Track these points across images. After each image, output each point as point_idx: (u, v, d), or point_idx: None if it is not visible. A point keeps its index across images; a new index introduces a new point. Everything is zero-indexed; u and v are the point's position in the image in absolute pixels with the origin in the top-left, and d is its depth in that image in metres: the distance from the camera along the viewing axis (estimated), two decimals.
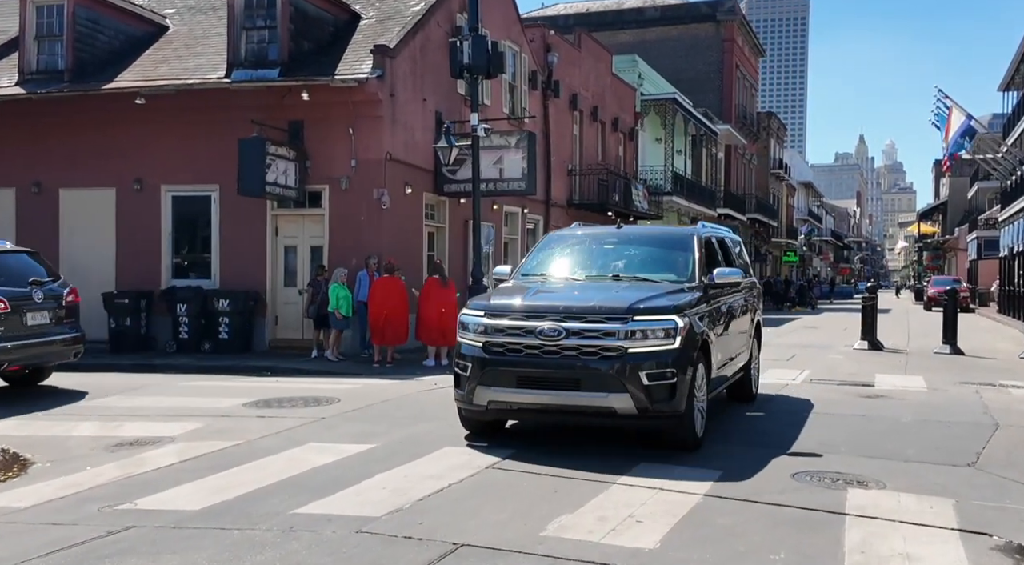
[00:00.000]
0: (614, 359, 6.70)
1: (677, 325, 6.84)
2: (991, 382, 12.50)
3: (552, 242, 8.91)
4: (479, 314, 7.14)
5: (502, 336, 6.94)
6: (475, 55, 14.79)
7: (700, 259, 8.09)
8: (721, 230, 9.98)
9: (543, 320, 6.84)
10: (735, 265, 9.34)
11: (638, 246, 8.67)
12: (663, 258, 8.32)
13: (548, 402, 6.88)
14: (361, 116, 15.81)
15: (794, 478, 6.46)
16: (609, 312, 6.83)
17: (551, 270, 8.30)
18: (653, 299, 7.08)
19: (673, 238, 8.91)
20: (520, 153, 17.60)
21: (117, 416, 8.91)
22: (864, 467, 6.84)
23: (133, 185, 16.71)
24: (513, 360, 6.89)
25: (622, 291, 7.35)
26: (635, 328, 6.74)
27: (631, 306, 6.87)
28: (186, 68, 16.80)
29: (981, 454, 7.44)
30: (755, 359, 10.15)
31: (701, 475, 6.45)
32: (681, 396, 6.82)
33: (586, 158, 26.95)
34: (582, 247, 8.68)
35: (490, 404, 7.04)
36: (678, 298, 7.23)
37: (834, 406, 9.99)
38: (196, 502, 5.55)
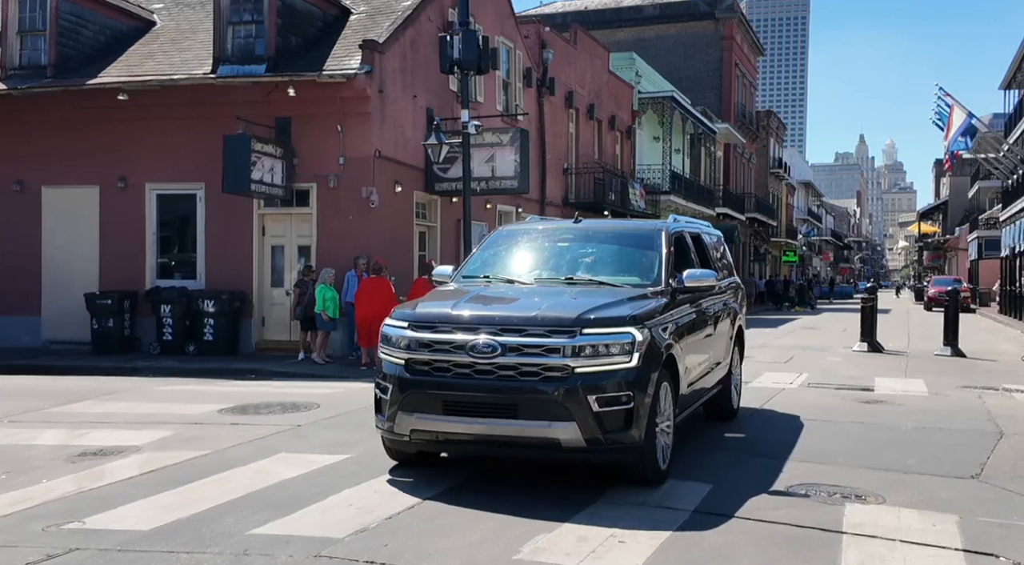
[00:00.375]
0: (559, 380, 5.60)
1: (635, 339, 5.76)
2: (994, 386, 12.16)
3: (500, 239, 7.76)
4: (402, 326, 6.03)
5: (427, 352, 5.84)
6: (465, 50, 14.43)
7: (668, 259, 7.04)
8: (697, 224, 8.86)
9: (476, 333, 5.74)
10: (714, 265, 8.41)
11: (597, 244, 7.48)
12: (625, 258, 7.27)
13: (480, 432, 5.75)
14: (349, 113, 15.46)
15: (789, 492, 6.12)
16: (554, 324, 5.74)
17: (496, 271, 7.20)
18: (607, 308, 6.00)
19: (637, 235, 7.64)
20: (513, 151, 17.25)
21: (86, 423, 8.56)
22: (863, 479, 6.50)
23: (117, 183, 16.35)
24: (439, 381, 5.77)
25: (572, 298, 6.25)
26: (584, 343, 5.65)
27: (580, 317, 5.79)
28: (172, 64, 16.44)
29: (985, 465, 7.10)
30: (736, 370, 9.08)
31: (690, 490, 6.11)
32: (639, 423, 5.73)
33: (582, 156, 26.60)
34: (533, 245, 7.60)
35: (413, 434, 5.89)
36: (639, 306, 6.16)
37: (832, 412, 9.64)
38: (148, 521, 5.20)
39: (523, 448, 5.80)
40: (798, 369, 14.09)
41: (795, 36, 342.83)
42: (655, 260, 7.06)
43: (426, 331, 5.91)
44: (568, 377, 5.60)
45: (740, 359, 9.35)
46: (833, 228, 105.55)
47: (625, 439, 5.70)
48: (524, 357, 5.64)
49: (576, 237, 7.59)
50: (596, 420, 5.59)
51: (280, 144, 15.37)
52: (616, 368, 5.70)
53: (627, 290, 6.59)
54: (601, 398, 5.60)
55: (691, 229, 8.26)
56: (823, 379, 12.77)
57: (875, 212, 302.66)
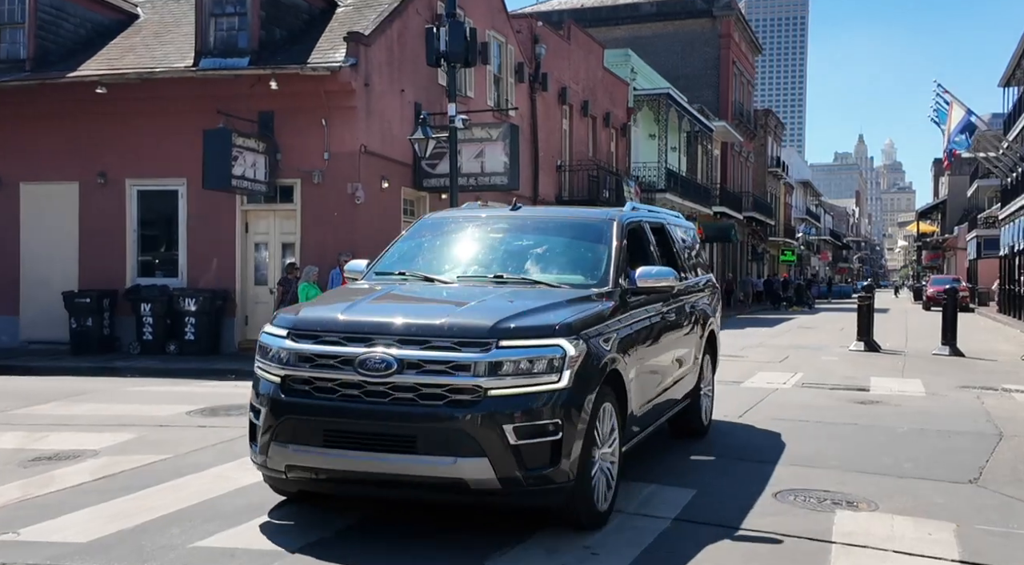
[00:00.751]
0: (468, 405, 4.49)
1: (565, 353, 4.65)
2: (993, 386, 11.83)
3: (424, 228, 6.61)
4: (280, 335, 4.88)
5: (308, 368, 4.70)
6: (452, 42, 14.09)
7: (619, 254, 5.88)
8: (662, 214, 7.72)
9: (370, 345, 4.62)
10: (680, 261, 7.28)
11: (536, 235, 6.31)
12: (568, 253, 6.11)
13: (368, 470, 4.59)
14: (334, 107, 15.12)
15: (776, 498, 5.78)
16: (464, 334, 4.63)
17: (415, 266, 6.06)
18: (533, 314, 4.90)
19: (583, 225, 6.38)
20: (503, 147, 16.91)
21: (47, 426, 8.21)
22: (855, 484, 6.17)
23: (97, 179, 16.00)
24: (321, 405, 4.64)
25: (494, 302, 5.12)
26: (501, 358, 4.54)
27: (496, 325, 4.65)
28: (153, 57, 16.10)
29: (984, 469, 6.76)
30: (707, 382, 7.97)
31: (672, 496, 5.77)
32: (570, 458, 4.62)
33: (576, 154, 26.26)
34: (462, 236, 6.44)
35: (289, 470, 4.76)
36: (575, 311, 5.03)
37: (825, 413, 9.30)
38: (89, 532, 4.86)
39: (422, 489, 4.65)
40: (793, 369, 13.76)
41: (794, 36, 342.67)
42: (602, 255, 5.89)
43: (308, 342, 4.76)
44: (480, 401, 4.50)
45: (713, 368, 8.25)
46: (832, 228, 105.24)
47: (552, 477, 4.57)
48: (426, 376, 4.54)
49: (512, 227, 6.41)
50: (514, 454, 4.47)
51: (263, 139, 15.03)
52: (540, 389, 4.59)
53: (565, 291, 5.46)
54: (520, 427, 4.50)
55: (652, 219, 7.12)
56: (818, 379, 12.44)
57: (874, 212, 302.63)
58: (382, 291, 5.58)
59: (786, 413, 9.25)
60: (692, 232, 8.42)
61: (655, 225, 7.08)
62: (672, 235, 7.37)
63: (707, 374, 7.98)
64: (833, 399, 10.45)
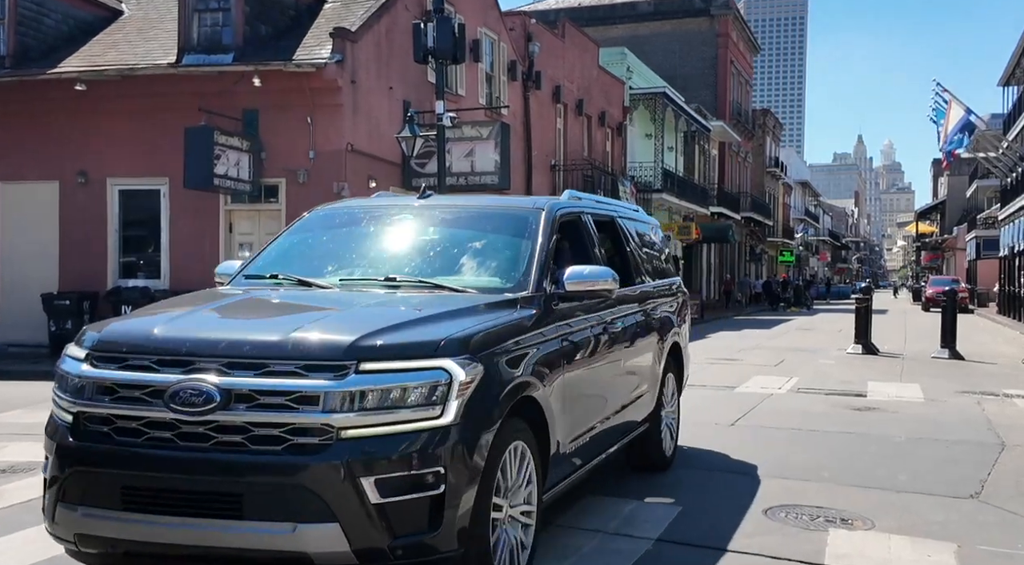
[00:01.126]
0: (313, 451, 3.37)
1: (452, 378, 3.50)
2: (993, 392, 11.49)
3: (312, 222, 5.38)
4: (79, 357, 3.71)
5: (108, 402, 3.55)
6: (440, 38, 13.74)
7: (544, 252, 4.70)
8: (613, 206, 6.48)
9: (189, 370, 3.47)
10: (634, 261, 6.17)
11: (445, 229, 5.13)
12: (482, 249, 4.92)
13: (181, 541, 3.43)
14: (320, 104, 14.79)
15: (767, 515, 5.45)
16: (313, 354, 3.48)
17: (294, 268, 4.85)
18: (412, 327, 3.72)
19: (504, 217, 5.21)
20: (493, 145, 16.59)
21: (7, 435, 7.86)
22: (850, 499, 5.83)
23: (77, 178, 15.67)
24: (120, 453, 3.48)
25: (363, 310, 4.09)
26: (361, 387, 3.40)
27: (358, 342, 3.50)
28: (136, 54, 15.78)
29: (986, 482, 6.42)
30: (671, 404, 6.71)
31: (656, 514, 5.44)
32: (458, 518, 3.49)
33: (570, 153, 25.93)
34: (355, 231, 5.23)
35: (80, 541, 3.58)
36: (474, 322, 3.88)
37: (819, 421, 8.97)
38: (23, 557, 4.52)
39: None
40: (788, 373, 13.43)
41: (793, 36, 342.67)
42: (523, 253, 4.71)
43: (110, 366, 3.59)
44: (330, 445, 3.34)
45: (679, 388, 7.05)
46: (831, 228, 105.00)
47: (433, 546, 3.45)
48: (260, 412, 3.38)
49: (417, 219, 5.23)
50: (376, 517, 3.35)
51: (247, 137, 14.71)
52: (416, 427, 3.42)
53: (470, 297, 4.29)
54: (386, 480, 3.35)
55: (599, 211, 5.94)
56: (813, 384, 12.11)
57: (873, 212, 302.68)
58: (232, 299, 4.47)
59: (779, 421, 8.92)
60: (656, 230, 7.34)
61: (602, 218, 5.90)
62: (625, 231, 6.24)
63: (670, 395, 6.71)
64: (828, 405, 10.12)
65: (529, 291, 4.47)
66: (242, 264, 5.16)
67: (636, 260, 6.25)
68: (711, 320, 30.16)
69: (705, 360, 15.58)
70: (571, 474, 4.73)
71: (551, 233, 4.89)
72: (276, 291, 4.66)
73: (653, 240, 7.10)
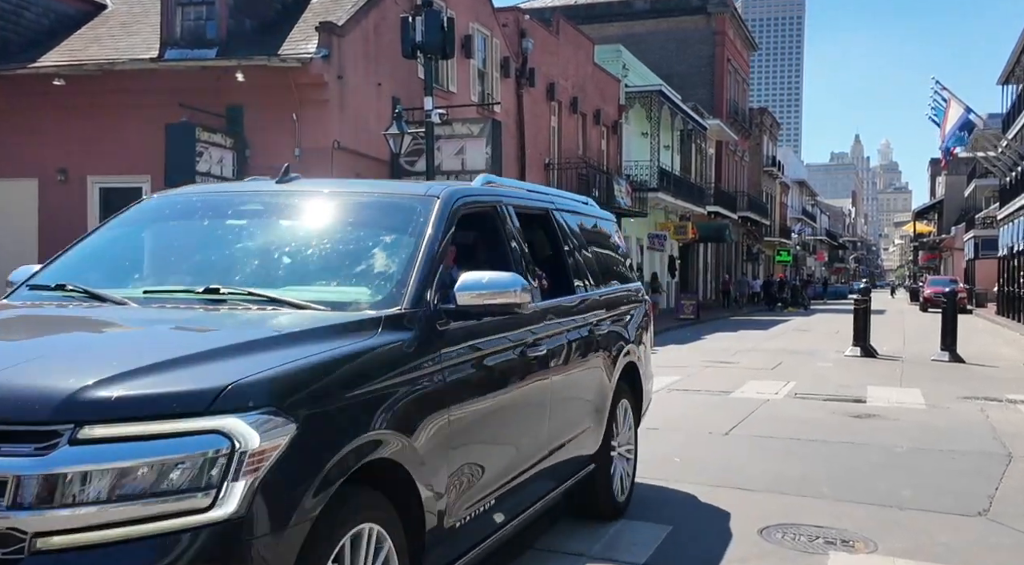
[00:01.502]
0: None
1: (235, 445, 2.27)
2: (996, 397, 11.14)
3: (137, 215, 4.15)
4: None
5: None
6: (428, 32, 13.41)
7: (431, 254, 3.48)
8: (542, 195, 5.13)
9: None
10: (577, 267, 5.00)
11: (304, 222, 3.92)
12: (349, 250, 3.73)
13: None
14: (306, 101, 14.43)
15: (763, 536, 5.09)
16: (6, 412, 2.24)
17: (92, 274, 3.70)
18: (178, 368, 2.47)
19: (384, 208, 3.96)
20: (484, 143, 16.24)
21: None
22: (850, 517, 5.48)
23: (57, 176, 15.30)
24: None
25: (125, 340, 3.02)
26: (75, 468, 2.16)
27: (79, 394, 2.26)
28: (118, 48, 15.41)
29: (994, 498, 6.07)
30: (624, 438, 5.48)
31: (643, 535, 5.07)
32: None
33: (565, 151, 25.57)
34: (186, 224, 4.06)
35: None
36: (296, 355, 2.67)
37: (818, 429, 8.61)
38: None
39: None
40: (785, 377, 13.08)
41: (790, 36, 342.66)
42: (401, 255, 3.50)
43: None
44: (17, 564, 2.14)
45: (637, 417, 5.80)
46: (828, 228, 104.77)
47: None
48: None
49: (268, 210, 3.97)
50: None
51: (230, 134, 14.34)
52: (169, 528, 2.20)
53: (312, 317, 3.10)
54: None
55: (525, 201, 4.69)
56: (811, 388, 11.76)
57: (871, 212, 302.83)
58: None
59: (776, 429, 8.56)
60: (611, 226, 6.17)
61: (529, 211, 4.68)
62: (564, 228, 5.02)
63: (624, 426, 5.48)
64: (827, 412, 9.76)
65: (403, 306, 3.19)
66: (40, 267, 3.92)
67: (579, 263, 5.08)
68: (707, 321, 29.81)
69: (700, 363, 15.24)
70: (471, 549, 3.47)
71: (445, 229, 3.61)
72: (49, 308, 3.44)
73: (606, 239, 5.95)
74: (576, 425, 4.68)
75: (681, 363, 15.27)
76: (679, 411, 9.76)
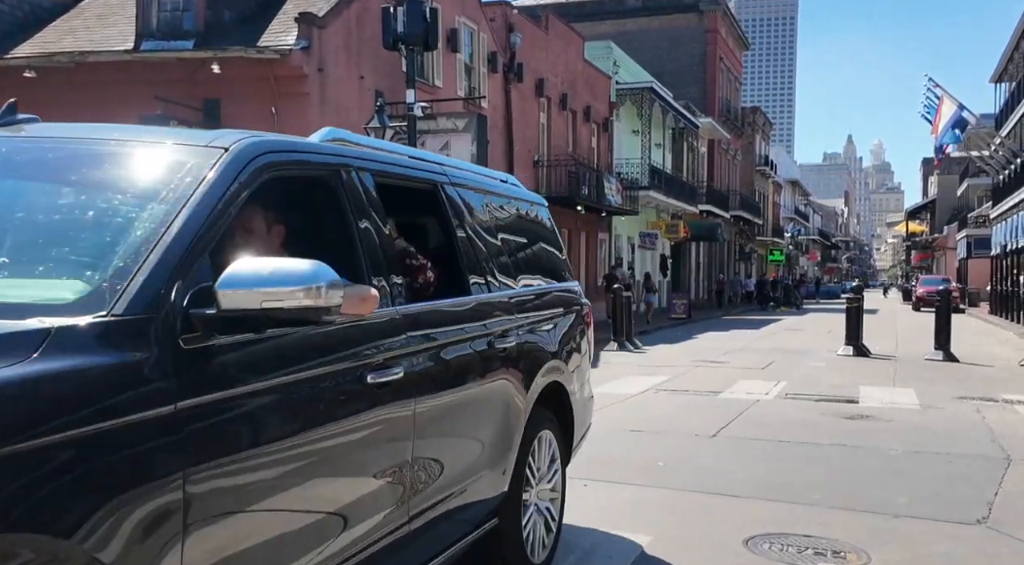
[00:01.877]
0: None
1: None
2: (992, 397, 10.84)
3: None
4: None
5: None
6: (410, 23, 13.03)
7: (190, 232, 2.26)
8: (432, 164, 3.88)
9: None
10: (479, 258, 3.81)
11: (18, 181, 2.74)
12: (70, 221, 2.48)
13: None
14: (285, 93, 14.05)
15: (748, 547, 4.75)
16: None
17: None
18: None
19: (133, 162, 2.65)
20: (469, 138, 15.87)
21: None
22: (842, 526, 5.15)
23: None
24: None
25: None
26: None
27: None
28: (92, 40, 15.01)
29: (993, 504, 5.75)
30: (546, 480, 4.29)
31: (621, 547, 4.74)
32: None
33: (554, 148, 25.23)
34: None
35: None
36: None
37: (808, 431, 8.29)
38: None
39: None
40: (776, 377, 12.76)
41: (783, 36, 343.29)
42: (138, 231, 2.27)
43: None
44: None
45: (565, 452, 4.51)
46: (820, 227, 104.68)
47: None
48: None
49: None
50: None
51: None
52: None
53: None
54: None
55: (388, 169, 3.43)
56: (802, 388, 11.43)
57: (863, 212, 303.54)
58: None
59: (765, 431, 8.23)
60: (539, 212, 4.91)
61: (404, 183, 3.51)
62: (459, 209, 3.77)
63: (545, 465, 4.25)
64: (818, 413, 9.44)
65: (112, 311, 2.01)
66: None
67: (480, 256, 3.81)
68: (699, 320, 29.52)
69: (689, 362, 14.93)
70: None
71: (229, 197, 2.40)
72: None
73: (532, 227, 4.73)
74: (463, 473, 3.42)
75: (670, 362, 14.96)
76: (665, 412, 9.44)
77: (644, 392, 11.00)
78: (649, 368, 13.99)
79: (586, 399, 4.89)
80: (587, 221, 27.31)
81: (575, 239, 26.98)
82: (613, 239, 30.82)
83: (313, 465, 2.47)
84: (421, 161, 3.79)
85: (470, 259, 3.75)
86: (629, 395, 10.67)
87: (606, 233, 30.03)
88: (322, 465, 2.53)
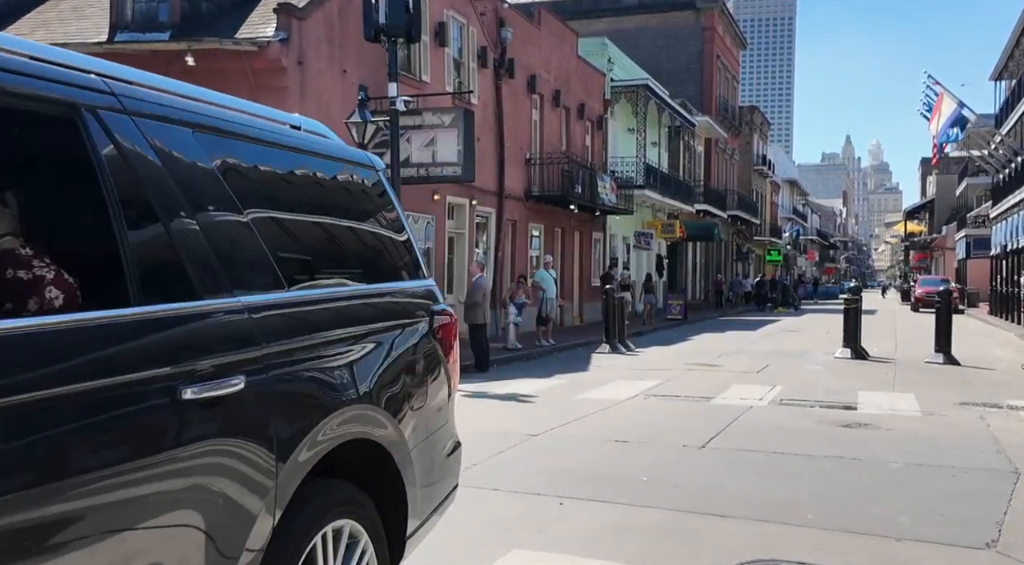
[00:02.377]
0: None
1: None
2: (996, 403, 10.37)
3: None
4: None
5: None
6: (392, 14, 12.54)
7: None
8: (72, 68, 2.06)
9: None
10: (172, 247, 2.16)
11: None
12: None
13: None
14: (262, 87, 13.50)
15: None
16: None
17: None
18: None
19: None
20: (455, 133, 15.37)
21: None
22: (838, 550, 4.69)
23: None
24: None
25: None
26: None
27: None
28: (66, 32, 14.51)
29: (1003, 524, 5.27)
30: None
31: None
32: None
33: (547, 146, 24.72)
34: None
35: None
36: None
37: (803, 441, 7.81)
38: None
39: None
40: (771, 381, 12.29)
41: (782, 36, 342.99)
42: None
43: None
44: None
45: (391, 557, 2.98)
46: (819, 227, 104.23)
47: None
48: None
49: None
50: None
51: None
52: None
53: None
54: None
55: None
56: (798, 393, 10.97)
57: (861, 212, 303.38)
58: None
59: (758, 442, 7.75)
60: (343, 172, 3.27)
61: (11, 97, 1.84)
62: (137, 153, 2.15)
63: None
64: (814, 420, 8.97)
65: None
66: None
67: (182, 243, 2.23)
68: (695, 321, 29.06)
69: (682, 365, 14.47)
70: None
71: None
72: None
73: (333, 196, 3.23)
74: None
75: (663, 366, 14.49)
76: (653, 420, 8.97)
77: (633, 398, 10.53)
78: (640, 372, 13.52)
79: (440, 457, 3.38)
80: (581, 220, 26.82)
81: (569, 239, 26.49)
82: (608, 239, 30.33)
83: None
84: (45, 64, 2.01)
85: (137, 249, 2.08)
86: (617, 401, 10.21)
87: (600, 233, 29.54)
88: None
